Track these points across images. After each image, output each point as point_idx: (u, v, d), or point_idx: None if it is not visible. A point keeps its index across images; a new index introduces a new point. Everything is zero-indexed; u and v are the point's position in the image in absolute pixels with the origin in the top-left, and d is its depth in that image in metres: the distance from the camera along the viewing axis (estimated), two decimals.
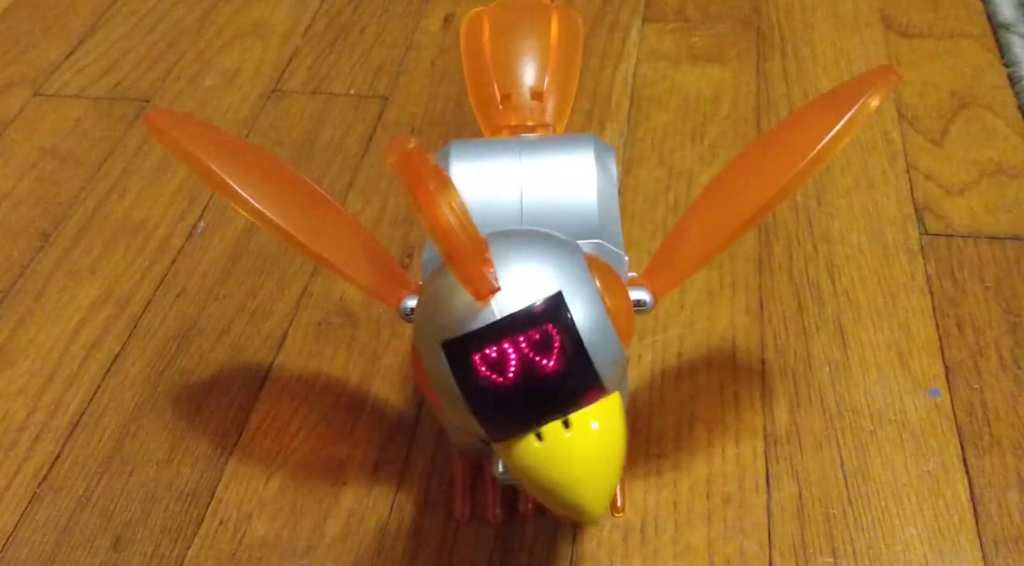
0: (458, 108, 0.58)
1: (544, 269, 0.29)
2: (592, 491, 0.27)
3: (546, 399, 0.28)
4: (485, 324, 0.28)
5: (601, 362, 0.28)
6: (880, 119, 0.56)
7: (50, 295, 0.48)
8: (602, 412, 0.28)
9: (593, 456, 0.28)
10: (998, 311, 0.45)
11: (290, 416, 0.43)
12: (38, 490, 0.40)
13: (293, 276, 0.49)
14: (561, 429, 0.28)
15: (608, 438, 0.28)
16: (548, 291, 0.28)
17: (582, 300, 0.28)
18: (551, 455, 0.28)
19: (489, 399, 0.28)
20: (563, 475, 0.27)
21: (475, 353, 0.28)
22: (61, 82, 0.61)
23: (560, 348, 0.28)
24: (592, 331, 0.28)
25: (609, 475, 0.28)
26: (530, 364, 0.27)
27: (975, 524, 0.38)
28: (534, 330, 0.28)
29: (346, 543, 0.38)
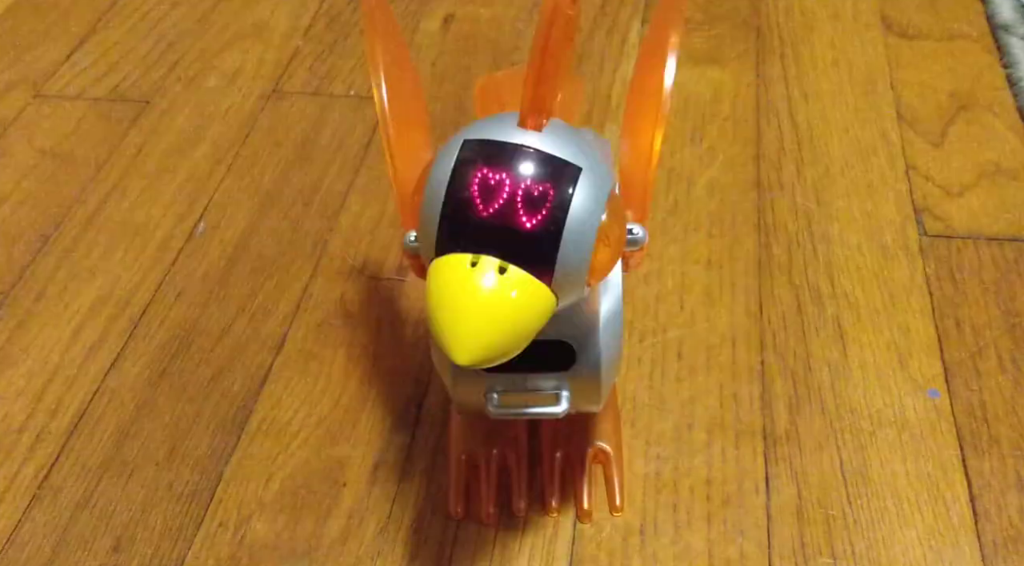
0: (458, 109, 0.58)
1: (581, 150, 0.30)
2: (472, 332, 0.28)
3: (504, 241, 0.29)
4: (509, 140, 0.29)
5: (566, 248, 0.29)
6: (879, 121, 0.56)
7: (50, 296, 0.48)
8: (531, 288, 0.29)
9: (497, 306, 0.28)
10: (997, 312, 0.45)
11: (290, 417, 0.43)
12: (38, 491, 0.40)
13: (293, 277, 0.49)
14: (495, 269, 0.28)
15: (513, 308, 0.28)
16: (574, 161, 0.29)
17: (589, 194, 0.29)
18: (470, 282, 0.28)
19: (461, 211, 0.29)
20: (465, 305, 0.28)
21: (483, 164, 0.29)
22: (61, 83, 0.61)
23: (544, 214, 0.29)
24: (578, 220, 0.29)
25: (488, 331, 0.28)
26: (512, 208, 0.29)
27: (974, 525, 0.38)
28: (538, 181, 0.29)
29: (346, 544, 0.38)
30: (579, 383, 0.34)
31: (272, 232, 0.51)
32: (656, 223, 0.51)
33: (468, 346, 0.28)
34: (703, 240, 0.49)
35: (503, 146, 0.29)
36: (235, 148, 0.56)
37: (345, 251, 0.50)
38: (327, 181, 0.54)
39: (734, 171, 0.53)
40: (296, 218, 0.52)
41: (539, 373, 0.34)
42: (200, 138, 0.57)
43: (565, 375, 0.34)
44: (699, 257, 0.49)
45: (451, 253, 0.29)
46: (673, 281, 0.47)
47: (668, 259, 0.49)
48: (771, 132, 0.56)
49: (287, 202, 0.53)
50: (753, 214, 0.51)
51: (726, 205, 0.51)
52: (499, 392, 0.34)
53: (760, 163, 0.54)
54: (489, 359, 0.28)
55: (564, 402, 0.34)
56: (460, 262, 0.29)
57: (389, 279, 0.48)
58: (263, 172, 0.55)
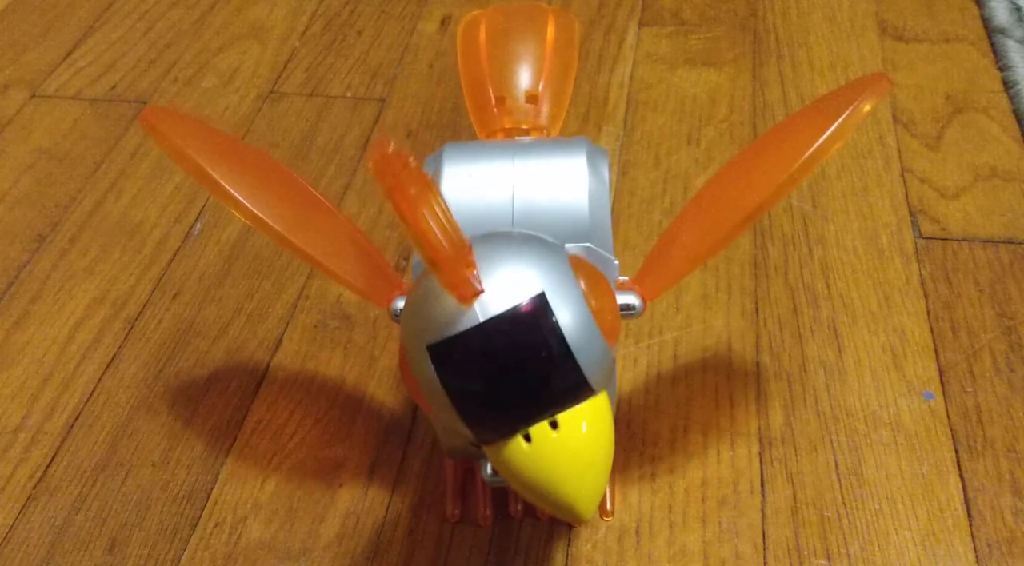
0: (455, 110, 0.58)
1: (528, 271, 0.29)
2: (581, 490, 0.28)
3: (533, 401, 0.28)
4: (469, 326, 0.28)
5: (587, 362, 0.28)
6: (875, 123, 0.56)
7: (46, 296, 0.48)
8: (589, 412, 0.28)
9: (581, 456, 0.28)
10: (992, 314, 0.45)
11: (286, 418, 0.43)
12: (33, 492, 0.40)
13: (290, 278, 0.49)
14: (548, 430, 0.28)
15: (595, 437, 0.28)
16: (531, 292, 0.28)
17: (566, 301, 0.28)
18: (539, 456, 0.28)
19: (476, 402, 0.28)
20: (552, 475, 0.28)
21: (460, 356, 0.28)
22: (58, 83, 0.61)
23: (545, 353, 0.28)
24: (577, 332, 0.28)
25: (597, 474, 0.28)
26: (518, 371, 0.28)
27: (969, 527, 0.38)
28: (519, 332, 0.28)
29: (342, 545, 0.38)
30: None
31: None
32: (652, 225, 0.51)
33: (595, 499, 0.28)
34: None
35: (466, 337, 0.28)
36: None
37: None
38: (324, 182, 0.54)
39: None
40: None
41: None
42: None
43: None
44: None
45: (499, 439, 0.28)
46: None
47: None
48: None
49: None
50: None
51: None
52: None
53: None
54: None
55: None
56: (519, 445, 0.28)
57: None
58: None
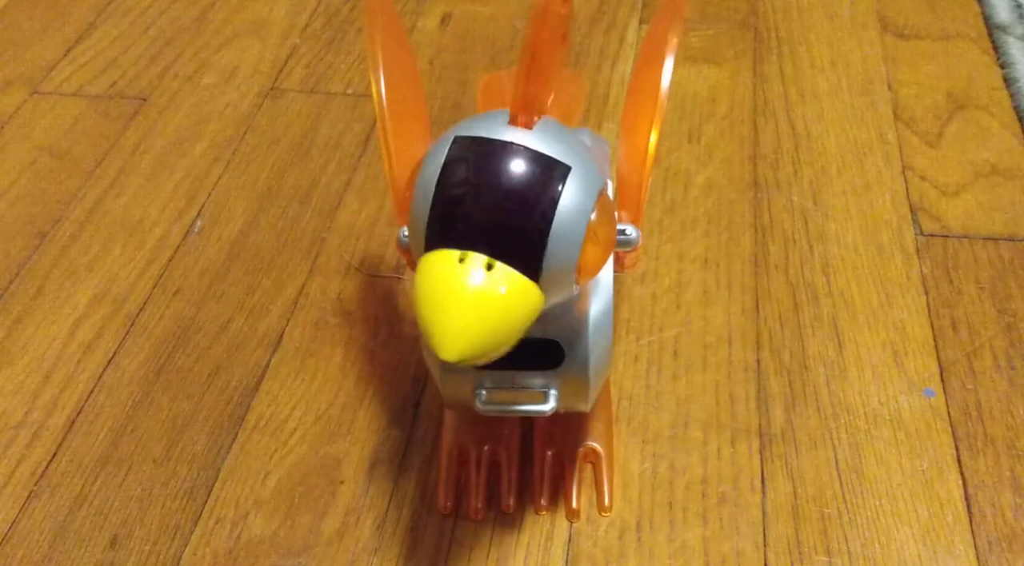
0: (455, 107, 0.58)
1: (572, 148, 0.30)
2: (458, 330, 0.28)
3: (493, 233, 0.29)
4: (499, 137, 0.29)
5: (554, 246, 0.29)
6: (877, 120, 0.56)
7: (47, 293, 0.48)
8: (519, 285, 0.29)
9: (484, 304, 0.28)
10: (992, 312, 0.45)
11: (287, 414, 0.43)
12: (35, 488, 0.40)
13: (290, 275, 0.49)
14: (482, 264, 0.28)
15: (500, 304, 0.28)
16: (563, 160, 0.29)
17: (578, 193, 0.29)
18: (456, 277, 0.28)
19: (452, 203, 0.29)
20: (451, 301, 0.28)
21: (472, 161, 0.29)
22: (59, 80, 0.61)
23: (532, 210, 0.29)
24: (566, 218, 0.29)
25: (480, 330, 0.28)
26: (500, 205, 0.29)
27: (969, 523, 0.38)
28: (527, 179, 0.29)
29: (343, 541, 0.38)
30: (567, 382, 0.34)
31: (269, 229, 0.51)
32: (653, 222, 0.51)
33: (455, 342, 0.28)
34: (700, 239, 0.50)
35: (492, 143, 0.29)
36: (233, 146, 0.56)
37: (342, 249, 0.50)
38: (325, 179, 0.54)
39: (731, 170, 0.53)
40: (293, 216, 0.52)
41: (528, 371, 0.34)
42: (198, 135, 0.57)
43: (554, 374, 0.34)
44: (696, 256, 0.49)
45: (440, 249, 0.29)
46: (670, 279, 0.48)
47: (665, 258, 0.49)
48: (768, 131, 0.56)
49: (284, 200, 0.53)
50: (750, 213, 0.51)
51: (723, 204, 0.51)
52: (487, 389, 0.34)
53: (757, 162, 0.54)
54: (476, 356, 0.28)
55: (552, 401, 0.34)
56: (448, 258, 0.29)
57: (387, 276, 0.49)
58: (260, 170, 0.55)
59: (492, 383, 0.34)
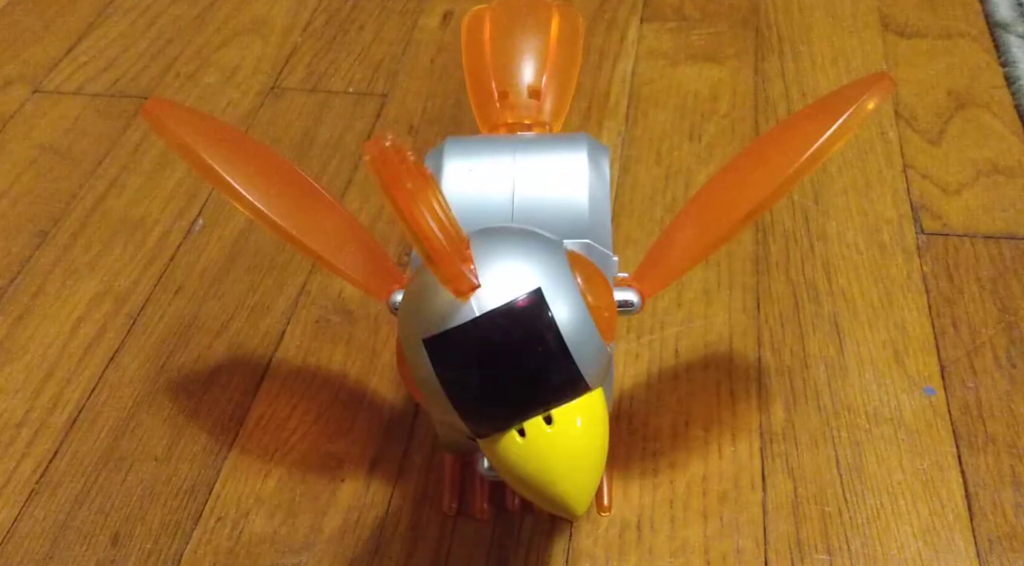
0: (457, 106, 0.58)
1: (525, 266, 0.29)
2: (574, 486, 0.28)
3: (527, 396, 0.28)
4: (465, 321, 0.28)
5: (582, 358, 0.28)
6: (878, 118, 0.56)
7: (48, 292, 0.48)
8: (583, 408, 0.28)
9: (575, 451, 0.28)
10: (993, 310, 0.45)
11: (288, 413, 0.43)
12: (36, 486, 0.40)
13: (291, 274, 0.49)
14: (543, 425, 0.28)
15: (589, 433, 0.28)
16: (528, 287, 0.28)
17: (563, 296, 0.28)
18: (533, 451, 0.28)
19: (471, 396, 0.28)
20: (545, 471, 0.28)
21: (455, 350, 0.28)
22: (60, 79, 0.61)
23: (541, 348, 0.28)
24: (573, 327, 0.28)
25: (591, 470, 0.28)
26: (511, 361, 0.28)
27: (969, 522, 0.38)
28: (515, 327, 0.28)
29: (344, 539, 0.38)
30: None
31: None
32: (654, 221, 0.51)
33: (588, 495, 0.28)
34: None
35: (462, 331, 0.28)
36: None
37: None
38: (326, 177, 0.54)
39: None
40: None
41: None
42: None
43: None
44: None
45: (493, 433, 0.28)
46: None
47: None
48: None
49: None
50: None
51: None
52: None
53: None
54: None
55: None
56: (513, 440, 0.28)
57: None
58: None
59: None
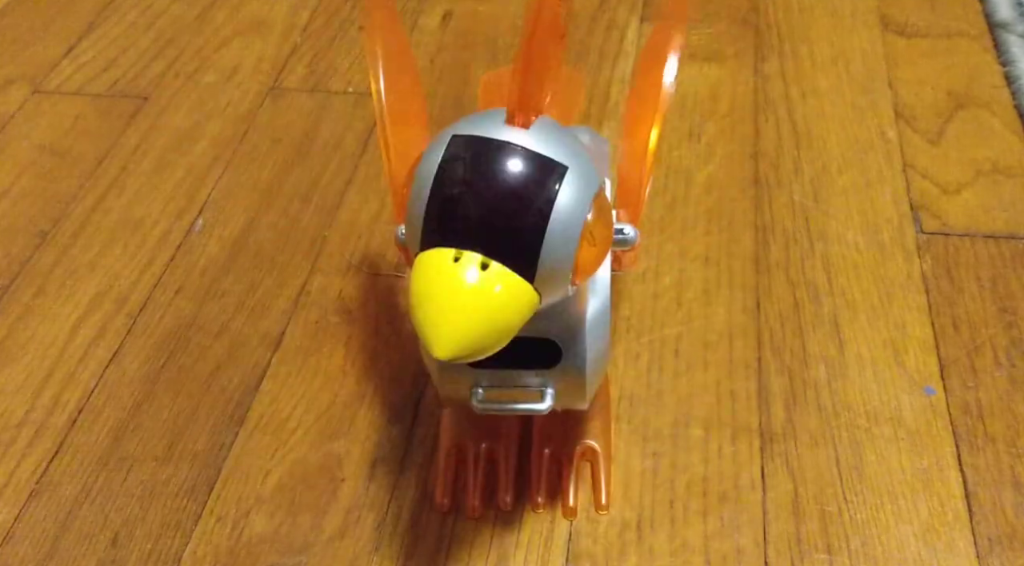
0: (457, 105, 0.58)
1: (570, 149, 0.30)
2: (452, 328, 0.28)
3: (488, 232, 0.29)
4: (495, 137, 0.29)
5: (549, 248, 0.29)
6: (877, 118, 0.56)
7: (49, 292, 0.48)
8: (514, 286, 0.29)
9: (478, 303, 0.28)
10: (993, 310, 0.45)
11: (288, 413, 0.43)
12: (36, 487, 0.40)
13: (292, 274, 0.49)
14: (477, 264, 0.29)
15: (494, 303, 0.28)
16: (559, 159, 0.30)
17: (575, 194, 0.30)
18: (451, 277, 0.28)
19: (448, 200, 0.29)
20: (445, 299, 0.28)
21: (469, 161, 0.29)
22: (60, 79, 0.61)
23: (527, 209, 0.29)
24: (562, 218, 0.29)
25: (468, 326, 0.28)
26: (495, 205, 0.29)
27: (969, 521, 0.38)
28: (522, 179, 0.29)
29: (344, 539, 0.38)
30: (564, 381, 0.34)
31: (270, 228, 0.51)
32: (654, 220, 0.51)
33: (448, 340, 0.28)
34: (701, 237, 0.50)
35: (489, 142, 0.29)
36: (233, 144, 0.56)
37: (343, 247, 0.50)
38: (325, 177, 0.54)
39: (732, 168, 0.53)
40: (294, 214, 0.52)
41: (525, 370, 0.34)
42: (199, 134, 0.57)
43: (551, 373, 0.34)
44: (697, 254, 0.49)
45: (435, 248, 0.29)
46: (671, 278, 0.48)
47: (666, 256, 0.49)
48: (769, 129, 0.56)
49: (285, 198, 0.53)
50: (751, 211, 0.51)
51: (724, 202, 0.51)
52: (484, 387, 0.34)
53: (758, 160, 0.54)
54: (469, 354, 0.28)
55: (548, 399, 0.34)
56: (443, 257, 0.29)
57: (387, 275, 0.49)
58: (261, 168, 0.55)
59: (489, 382, 0.34)
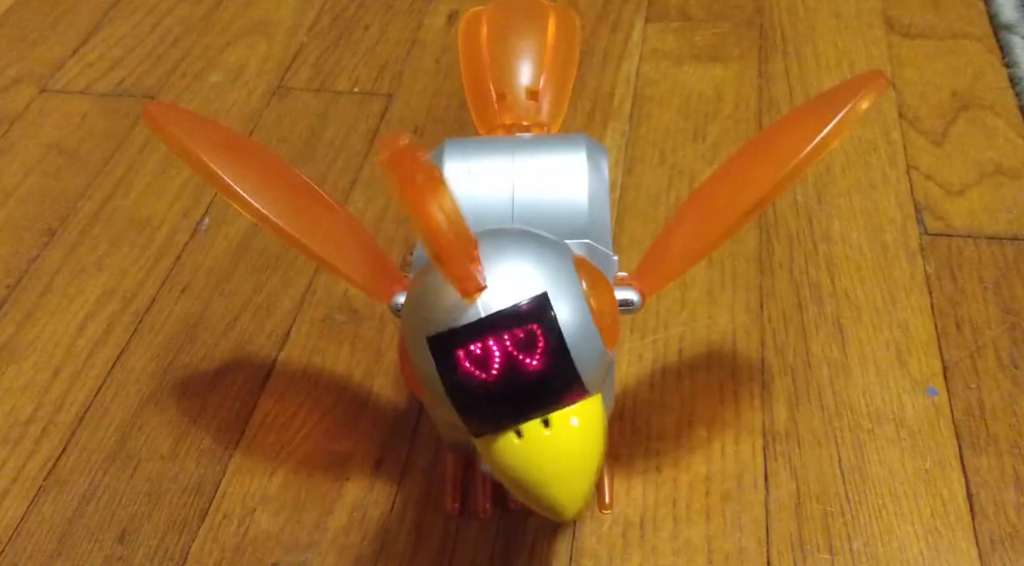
0: (461, 106, 0.58)
1: (531, 268, 0.29)
2: (567, 490, 0.28)
3: (527, 397, 0.28)
4: (470, 321, 0.28)
5: (583, 363, 0.29)
6: (881, 119, 0.56)
7: (56, 291, 0.49)
8: (582, 412, 0.29)
9: (571, 455, 0.28)
10: (997, 311, 0.46)
11: (294, 412, 0.43)
12: (44, 483, 0.41)
13: (297, 273, 0.49)
14: (541, 428, 0.28)
15: (587, 438, 0.28)
16: (534, 291, 0.29)
17: (567, 301, 0.29)
18: (530, 453, 0.28)
19: (471, 395, 0.28)
20: (540, 473, 0.28)
21: (459, 349, 0.28)
22: (67, 78, 0.62)
23: (544, 348, 0.28)
24: (576, 332, 0.29)
25: (585, 474, 0.28)
26: (513, 362, 0.28)
27: (971, 522, 0.38)
28: (519, 329, 0.28)
29: (348, 538, 0.38)
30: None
31: None
32: (658, 221, 0.51)
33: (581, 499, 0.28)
34: None
35: (467, 328, 0.28)
36: None
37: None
38: (331, 177, 0.54)
39: None
40: None
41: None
42: None
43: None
44: None
45: (492, 433, 0.29)
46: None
47: None
48: None
49: None
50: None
51: None
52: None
53: None
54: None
55: None
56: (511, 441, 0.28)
57: None
58: None
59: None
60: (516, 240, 0.30)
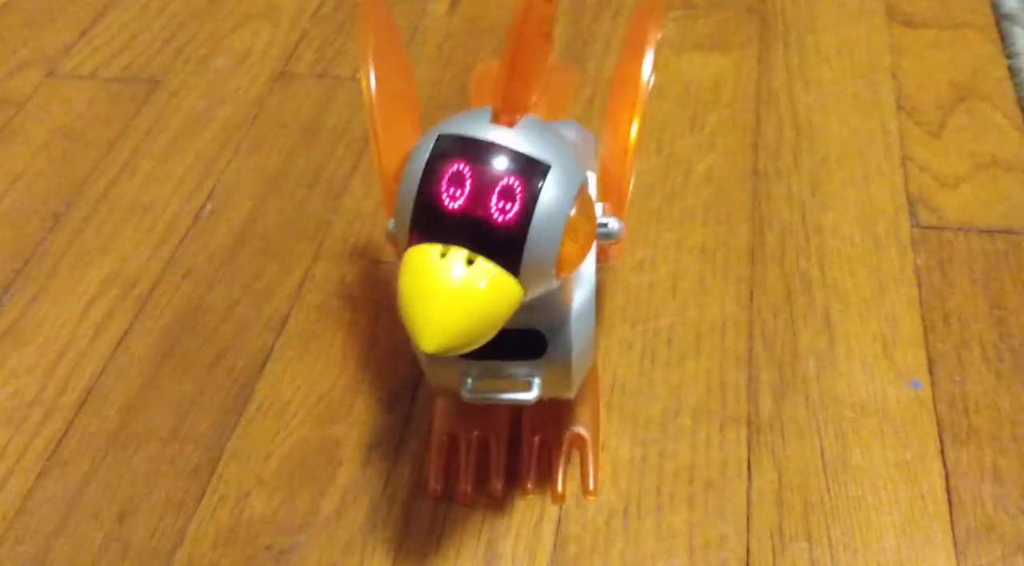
0: (463, 93, 0.59)
1: (553, 147, 0.31)
2: (440, 322, 0.29)
3: (470, 227, 0.30)
4: (479, 138, 0.30)
5: (533, 242, 0.30)
6: (879, 110, 0.56)
7: (61, 274, 0.50)
8: (499, 281, 0.30)
9: (464, 297, 0.29)
10: (984, 305, 0.46)
11: (290, 397, 0.44)
12: (47, 464, 0.42)
13: (296, 259, 0.50)
14: (463, 261, 0.30)
15: (480, 298, 0.30)
16: (543, 159, 0.31)
17: (559, 192, 0.31)
18: (436, 272, 0.29)
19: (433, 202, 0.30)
20: (431, 295, 0.29)
21: (454, 160, 0.30)
22: (73, 63, 0.62)
23: (510, 207, 0.30)
24: (545, 220, 0.30)
25: (455, 320, 0.29)
26: (483, 195, 0.30)
27: (949, 514, 0.39)
28: (508, 174, 0.30)
29: (340, 520, 0.40)
30: (551, 371, 0.35)
31: (277, 213, 0.52)
32: (652, 211, 0.51)
33: (435, 334, 0.29)
34: (698, 228, 0.50)
35: (475, 142, 0.31)
36: (243, 129, 0.57)
37: (347, 234, 0.51)
38: (332, 163, 0.55)
39: (732, 159, 0.54)
40: (301, 200, 0.53)
41: (512, 361, 0.35)
42: (209, 119, 0.58)
43: (537, 363, 0.35)
44: (693, 245, 0.49)
45: (422, 243, 0.30)
46: (667, 268, 0.48)
47: (663, 246, 0.49)
48: (770, 120, 0.56)
49: (292, 184, 0.54)
50: (749, 202, 0.51)
51: (722, 193, 0.52)
52: (473, 377, 0.35)
53: (758, 152, 0.54)
54: (455, 347, 0.30)
55: (536, 389, 0.35)
56: (430, 252, 0.30)
57: (389, 262, 0.50)
58: (269, 153, 0.56)
59: (477, 372, 0.35)
60: (560, 127, 0.34)
